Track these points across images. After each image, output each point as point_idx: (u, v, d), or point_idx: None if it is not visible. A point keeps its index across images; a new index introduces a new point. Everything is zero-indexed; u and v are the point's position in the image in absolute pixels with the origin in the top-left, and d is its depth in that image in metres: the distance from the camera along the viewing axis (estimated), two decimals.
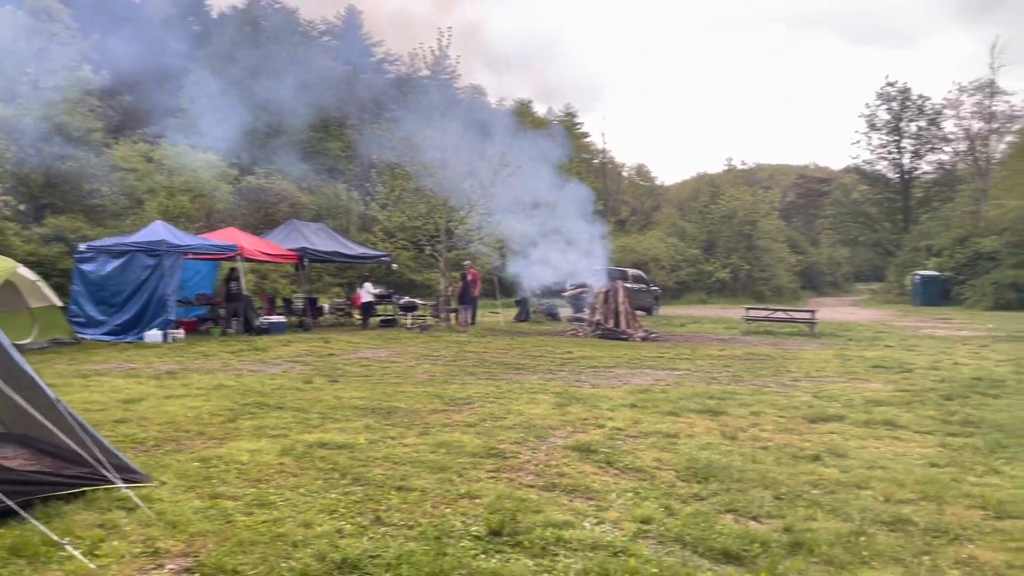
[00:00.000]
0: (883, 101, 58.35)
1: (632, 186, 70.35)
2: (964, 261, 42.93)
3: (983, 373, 12.20)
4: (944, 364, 13.55)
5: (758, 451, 6.69)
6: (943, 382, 11.15)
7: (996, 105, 51.03)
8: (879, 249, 61.75)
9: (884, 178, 59.88)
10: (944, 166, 58.46)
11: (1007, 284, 37.76)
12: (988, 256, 40.98)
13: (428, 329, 20.73)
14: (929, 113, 56.81)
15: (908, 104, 57.51)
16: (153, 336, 15.93)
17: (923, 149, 58.05)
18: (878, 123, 58.58)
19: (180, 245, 17.26)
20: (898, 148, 58.41)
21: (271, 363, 12.87)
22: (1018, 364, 13.57)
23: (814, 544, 4.37)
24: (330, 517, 4.75)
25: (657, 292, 33.04)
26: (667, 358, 14.49)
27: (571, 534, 4.50)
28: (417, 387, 10.17)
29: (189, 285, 20.01)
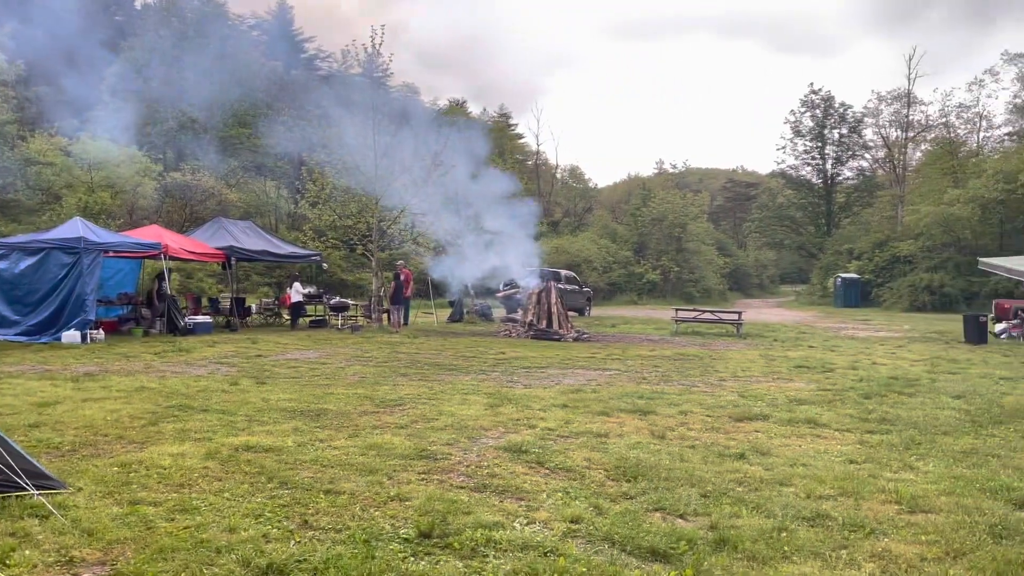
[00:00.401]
0: (807, 108, 60.37)
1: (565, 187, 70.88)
2: (883, 264, 44.67)
3: (899, 373, 12.69)
4: (863, 364, 14.04)
5: (686, 450, 6.81)
6: (862, 381, 11.56)
7: (913, 114, 53.27)
8: (803, 252, 63.78)
9: (808, 183, 61.89)
10: (864, 172, 60.83)
11: (922, 287, 39.42)
12: (905, 260, 42.73)
13: (359, 330, 20.49)
14: (850, 121, 59.03)
15: (831, 112, 59.59)
16: (71, 337, 15.33)
17: (845, 155, 60.31)
18: (803, 129, 60.60)
19: (100, 243, 16.67)
20: (821, 154, 60.48)
21: (196, 364, 12.54)
22: (932, 364, 14.16)
23: (738, 540, 4.46)
24: (256, 522, 4.65)
25: (589, 293, 33.39)
26: (598, 358, 14.65)
27: (501, 535, 4.49)
28: (347, 389, 10.04)
29: (110, 284, 19.34)
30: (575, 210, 66.56)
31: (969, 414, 8.82)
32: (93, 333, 15.92)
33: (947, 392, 10.49)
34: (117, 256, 18.93)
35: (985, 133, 51.64)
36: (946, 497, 5.44)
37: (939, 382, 11.58)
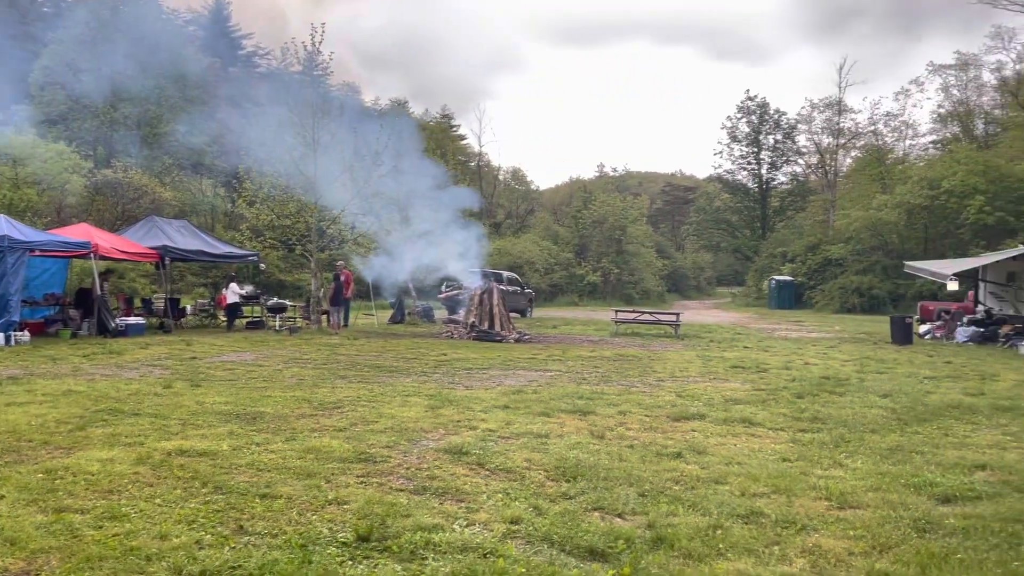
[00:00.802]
0: (743, 114, 61.76)
1: (508, 189, 71.02)
2: (815, 267, 45.97)
3: (830, 372, 13.06)
4: (796, 364, 14.41)
5: (624, 449, 6.90)
6: (795, 381, 11.86)
7: (843, 122, 54.96)
8: (739, 255, 65.20)
9: (744, 187, 63.31)
10: (797, 177, 62.52)
11: (852, 289, 40.67)
12: (836, 263, 44.04)
13: (297, 331, 20.19)
14: (784, 127, 60.61)
15: (766, 118, 61.09)
16: None
17: (779, 161, 61.90)
18: (739, 135, 61.94)
19: (25, 241, 16.06)
20: (757, 159, 61.95)
21: (127, 367, 12.18)
22: (861, 364, 14.61)
23: (675, 538, 4.54)
24: (188, 528, 4.54)
25: (531, 294, 33.53)
26: (539, 359, 14.72)
27: (440, 537, 4.48)
28: (285, 391, 9.88)
29: (36, 284, 18.66)
30: (517, 212, 66.74)
31: (895, 412, 9.13)
32: (17, 335, 15.34)
33: (875, 391, 10.84)
34: (44, 255, 18.26)
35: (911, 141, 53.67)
36: (873, 493, 5.63)
37: (867, 381, 11.96)
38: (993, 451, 7.15)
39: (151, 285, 27.82)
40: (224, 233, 32.65)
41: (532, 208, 69.74)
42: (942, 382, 12.07)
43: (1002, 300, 21.61)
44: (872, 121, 53.52)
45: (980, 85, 48.88)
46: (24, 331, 15.77)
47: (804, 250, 48.20)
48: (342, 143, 21.48)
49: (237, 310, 21.80)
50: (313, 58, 21.80)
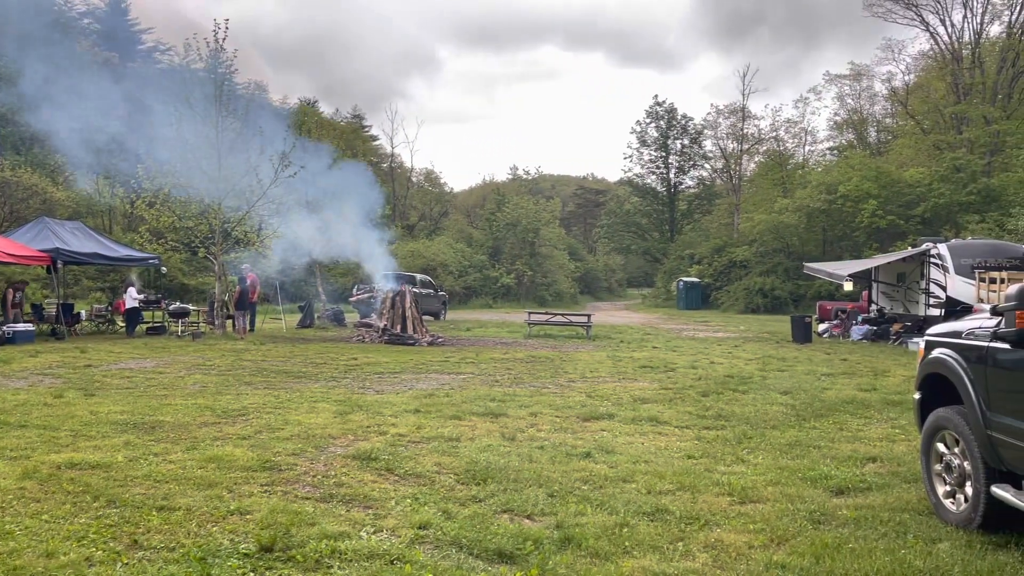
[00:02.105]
0: (652, 119, 63.19)
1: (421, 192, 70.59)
2: (721, 269, 47.39)
3: (734, 371, 13.47)
4: (702, 363, 14.81)
5: (535, 450, 6.93)
6: (700, 380, 12.18)
7: (747, 128, 56.87)
8: (649, 257, 66.64)
9: (653, 191, 64.75)
10: (704, 181, 64.39)
11: (756, 290, 42.10)
12: (741, 264, 45.51)
13: (201, 337, 19.53)
14: (692, 132, 62.32)
15: (674, 123, 62.65)
16: None
17: (687, 165, 63.62)
18: (648, 139, 63.33)
19: None
20: (665, 163, 63.46)
21: (15, 376, 11.53)
22: (763, 363, 15.13)
23: (582, 538, 4.58)
24: (78, 544, 4.32)
25: (444, 297, 33.39)
26: (452, 362, 14.67)
27: (346, 545, 4.39)
28: (186, 399, 9.53)
29: None
30: (431, 214, 66.42)
31: (795, 409, 9.48)
32: None
33: (776, 388, 11.24)
34: None
35: (810, 147, 56.09)
36: (772, 487, 5.82)
37: (769, 379, 12.39)
38: (883, 444, 7.50)
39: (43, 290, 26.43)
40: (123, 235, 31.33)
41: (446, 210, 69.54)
42: (838, 379, 12.60)
43: (893, 299, 22.75)
44: (774, 127, 55.70)
45: (872, 95, 51.47)
46: None
47: (710, 252, 49.63)
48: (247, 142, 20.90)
49: (137, 315, 20.94)
50: (217, 55, 21.14)
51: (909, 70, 48.06)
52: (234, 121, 21.19)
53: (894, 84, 49.06)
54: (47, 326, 19.44)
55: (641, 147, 63.42)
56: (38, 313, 20.44)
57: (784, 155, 54.71)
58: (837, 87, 51.55)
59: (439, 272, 44.51)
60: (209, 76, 21.21)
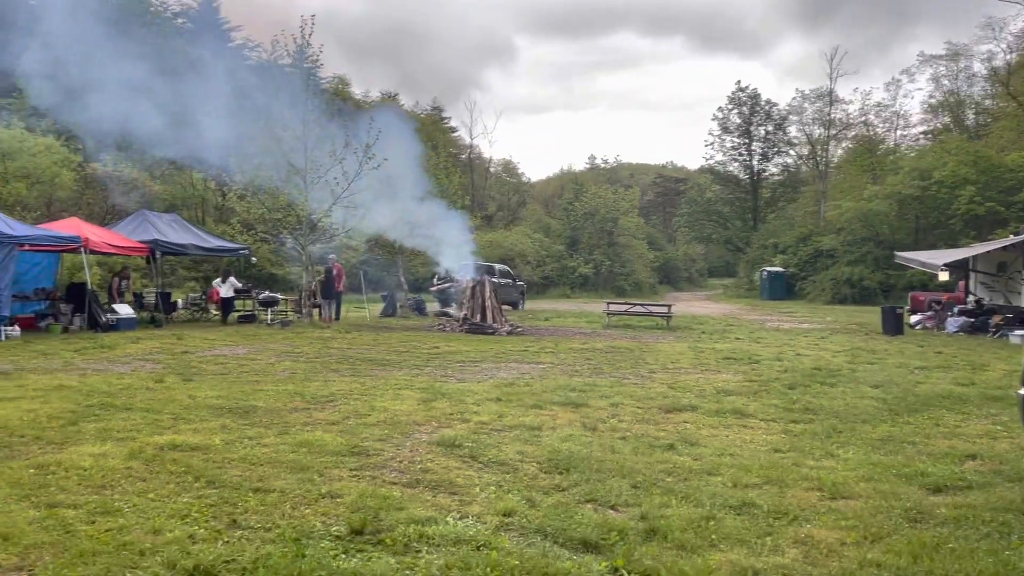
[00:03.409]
0: (735, 105, 61.79)
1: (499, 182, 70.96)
2: (806, 258, 46.09)
3: (822, 363, 13.12)
4: (787, 355, 14.46)
5: (617, 441, 6.92)
6: (786, 372, 11.91)
7: (834, 113, 55.04)
8: (730, 246, 65.27)
9: (735, 179, 63.40)
10: (789, 168, 62.65)
11: (843, 280, 40.81)
12: (827, 253, 44.16)
13: (289, 325, 20.14)
14: (776, 118, 60.64)
15: (757, 109, 61.11)
16: None
17: (770, 152, 61.96)
18: (730, 126, 61.98)
19: (15, 236, 15.96)
20: (748, 150, 61.99)
21: (119, 362, 12.14)
22: (852, 355, 14.68)
23: (668, 530, 4.56)
24: (182, 522, 4.54)
25: (522, 287, 33.53)
26: (532, 352, 14.73)
27: (434, 530, 4.49)
28: (277, 385, 9.86)
29: (26, 279, 18.54)
30: (509, 204, 66.72)
31: (886, 403, 9.18)
32: (8, 330, 15.27)
33: (866, 382, 10.90)
34: (34, 250, 18.14)
35: (902, 131, 53.91)
36: (865, 483, 5.66)
37: (859, 372, 12.01)
38: (984, 441, 7.20)
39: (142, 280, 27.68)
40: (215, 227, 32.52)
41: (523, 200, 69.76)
42: (933, 372, 12.13)
43: (992, 290, 21.74)
44: (863, 112, 53.73)
45: (971, 75, 49.11)
46: (14, 326, 15.71)
47: (795, 241, 48.32)
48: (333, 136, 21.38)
49: (230, 304, 21.74)
50: (303, 50, 21.68)
51: (1011, 49, 45.66)
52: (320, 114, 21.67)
53: (994, 64, 46.70)
54: (147, 314, 20.36)
55: (723, 134, 62.18)
56: (138, 301, 21.42)
57: (874, 140, 52.76)
58: (932, 68, 49.47)
59: (517, 262, 44.68)
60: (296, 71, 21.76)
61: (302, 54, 21.69)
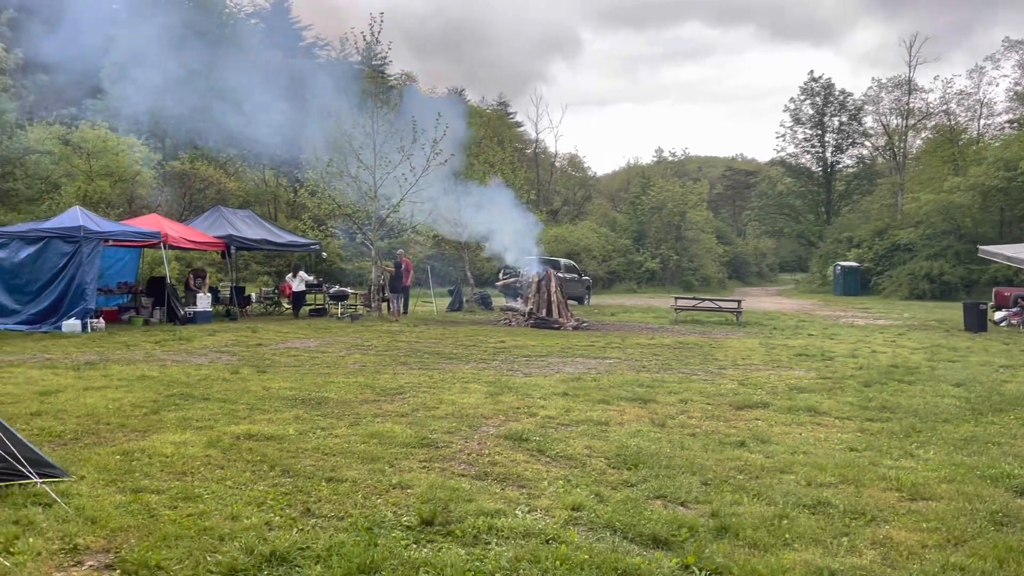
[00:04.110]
0: (807, 96, 60.20)
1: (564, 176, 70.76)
2: (882, 252, 44.65)
3: (899, 361, 12.71)
4: (863, 352, 14.05)
5: (686, 438, 6.83)
6: (862, 369, 11.57)
7: (913, 102, 53.12)
8: (803, 240, 63.75)
9: (808, 171, 61.82)
10: (864, 160, 60.73)
11: (922, 275, 39.41)
12: (905, 248, 42.70)
13: (359, 319, 20.50)
14: (850, 108, 58.86)
15: (831, 99, 59.43)
16: (71, 326, 15.33)
17: (845, 143, 60.19)
18: (802, 117, 60.46)
19: (100, 231, 16.64)
20: (821, 142, 60.38)
21: (197, 353, 12.55)
22: (931, 352, 14.17)
23: (739, 528, 4.48)
24: (258, 509, 4.66)
25: (588, 282, 33.38)
26: (598, 347, 14.66)
27: (503, 522, 4.51)
28: (348, 377, 10.05)
29: (109, 273, 19.33)
30: (574, 199, 66.47)
31: (969, 402, 8.84)
32: (94, 322, 15.92)
33: (947, 380, 10.51)
34: (117, 245, 18.92)
35: (986, 120, 51.55)
36: (947, 485, 5.46)
37: (939, 370, 11.60)
38: None
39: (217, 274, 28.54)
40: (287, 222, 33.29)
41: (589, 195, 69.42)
42: (1019, 371, 11.63)
43: None
44: (944, 100, 51.61)
45: None
46: (100, 318, 16.36)
47: (871, 235, 46.87)
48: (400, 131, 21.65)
49: (302, 298, 22.24)
50: (371, 48, 21.99)
51: None
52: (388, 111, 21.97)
53: None
54: (222, 307, 20.99)
55: (795, 125, 60.68)
56: (214, 295, 22.08)
57: (955, 130, 50.65)
58: (1018, 54, 47.22)
59: (582, 257, 44.51)
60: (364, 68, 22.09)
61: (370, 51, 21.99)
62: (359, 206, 22.29)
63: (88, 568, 3.84)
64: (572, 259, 36.74)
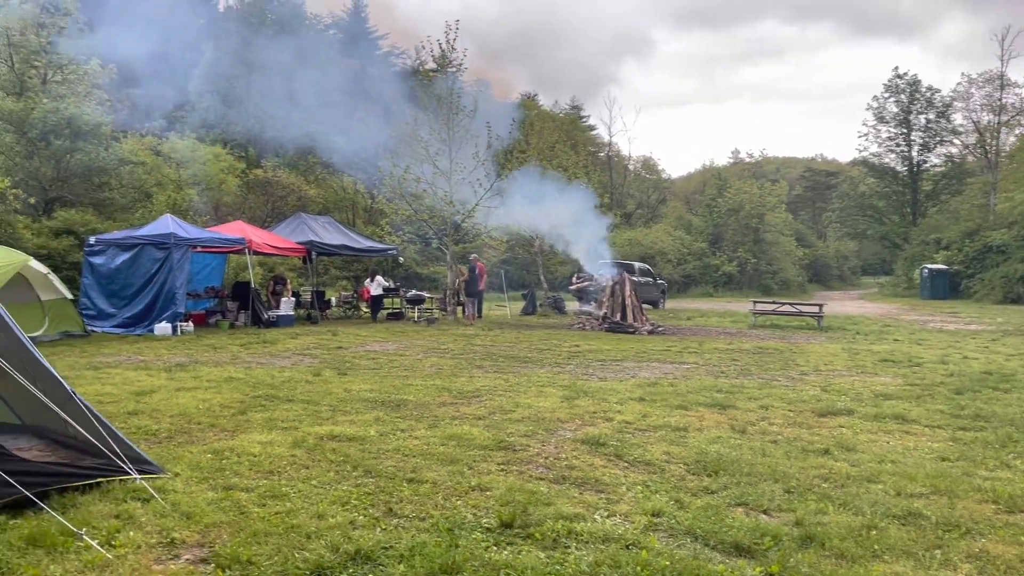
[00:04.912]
0: (892, 93, 58.19)
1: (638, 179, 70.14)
2: (973, 255, 42.78)
3: (993, 367, 12.17)
4: (953, 358, 13.52)
5: (768, 445, 6.70)
6: (953, 376, 11.14)
7: (1006, 97, 50.80)
8: (887, 242, 61.62)
9: (892, 171, 59.72)
10: (953, 159, 58.27)
11: (1016, 277, 37.61)
12: (998, 250, 40.81)
13: (435, 322, 20.76)
14: (938, 105, 56.60)
15: (917, 96, 57.28)
16: (163, 329, 15.99)
17: (932, 142, 57.86)
18: (887, 115, 58.42)
19: (189, 238, 17.32)
20: (907, 141, 58.23)
21: (280, 356, 12.92)
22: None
23: (825, 537, 4.38)
24: (343, 509, 4.78)
25: (663, 285, 33.03)
26: (674, 351, 14.49)
27: (582, 527, 4.51)
28: (425, 380, 10.20)
29: (197, 278, 20.10)
30: (648, 201, 65.84)
31: None
32: (183, 325, 16.56)
33: None
34: (204, 251, 19.65)
35: None
36: None
37: None
38: None
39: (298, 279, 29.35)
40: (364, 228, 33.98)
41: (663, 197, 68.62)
42: None
43: None
44: None
45: None
46: (189, 322, 17.01)
47: (961, 236, 44.97)
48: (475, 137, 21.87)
49: (380, 302, 22.67)
50: (447, 55, 22.28)
51: None
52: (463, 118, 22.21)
53: None
54: (303, 311, 21.56)
55: (878, 124, 58.67)
56: (296, 300, 22.71)
57: None
58: None
59: (657, 260, 44.04)
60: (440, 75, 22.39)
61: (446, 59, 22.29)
62: (435, 211, 22.58)
63: (185, 562, 4.01)
64: (646, 262, 36.41)
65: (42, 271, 14.66)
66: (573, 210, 23.84)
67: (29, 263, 14.00)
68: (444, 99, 22.04)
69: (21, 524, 4.26)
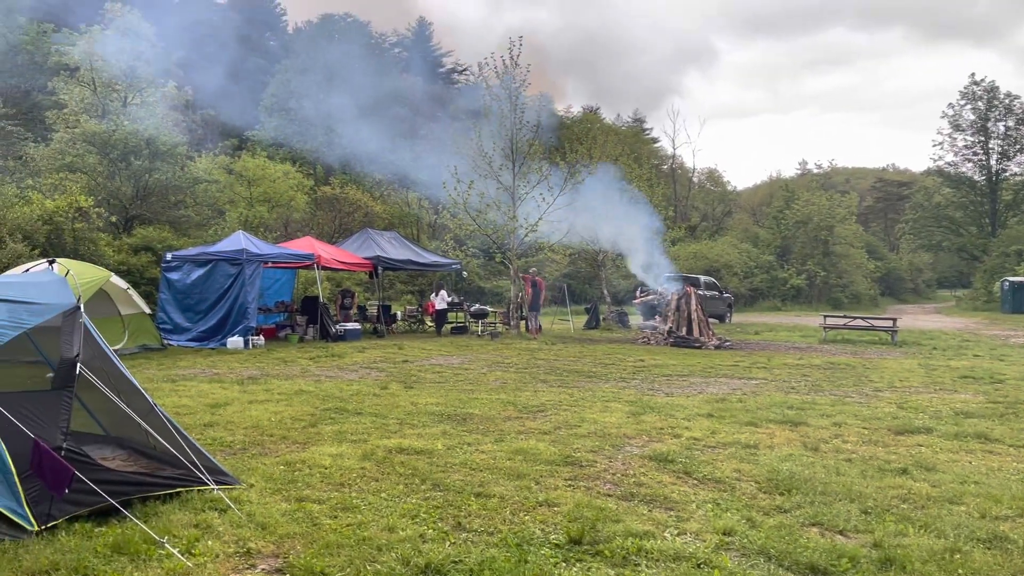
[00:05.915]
0: (968, 100, 56.35)
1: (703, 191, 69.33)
2: None
3: None
4: None
5: (842, 463, 6.52)
6: None
7: None
8: (964, 255, 59.52)
9: (969, 180, 57.72)
10: None
11: None
12: None
13: (498, 336, 20.83)
14: (1018, 112, 54.57)
15: (995, 103, 55.33)
16: (235, 342, 16.43)
17: (1012, 150, 55.74)
18: (963, 123, 56.56)
19: (260, 254, 17.78)
20: (985, 149, 56.24)
21: (348, 369, 13.14)
22: None
23: (906, 560, 4.24)
24: (412, 522, 4.83)
25: (730, 299, 32.50)
26: (742, 367, 14.24)
27: (652, 544, 4.46)
28: (490, 394, 10.24)
29: (268, 293, 20.60)
30: (713, 214, 65.00)
31: None
32: (254, 339, 16.97)
33: None
34: (275, 267, 20.15)
35: None
36: None
37: None
38: None
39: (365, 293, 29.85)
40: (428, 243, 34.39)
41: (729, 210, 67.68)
42: None
43: None
44: None
45: None
46: (259, 336, 17.44)
47: None
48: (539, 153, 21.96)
49: (444, 316, 22.86)
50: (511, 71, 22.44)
51: None
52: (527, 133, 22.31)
53: None
54: (370, 325, 21.89)
55: (954, 132, 56.83)
56: (362, 314, 23.09)
57: None
58: None
59: (723, 274, 43.39)
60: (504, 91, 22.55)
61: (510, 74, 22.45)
62: (498, 226, 22.71)
63: (261, 571, 4.10)
64: (712, 276, 35.90)
65: (122, 286, 15.25)
66: (638, 224, 23.72)
67: (111, 279, 14.57)
68: (507, 115, 22.20)
69: (106, 532, 4.42)
